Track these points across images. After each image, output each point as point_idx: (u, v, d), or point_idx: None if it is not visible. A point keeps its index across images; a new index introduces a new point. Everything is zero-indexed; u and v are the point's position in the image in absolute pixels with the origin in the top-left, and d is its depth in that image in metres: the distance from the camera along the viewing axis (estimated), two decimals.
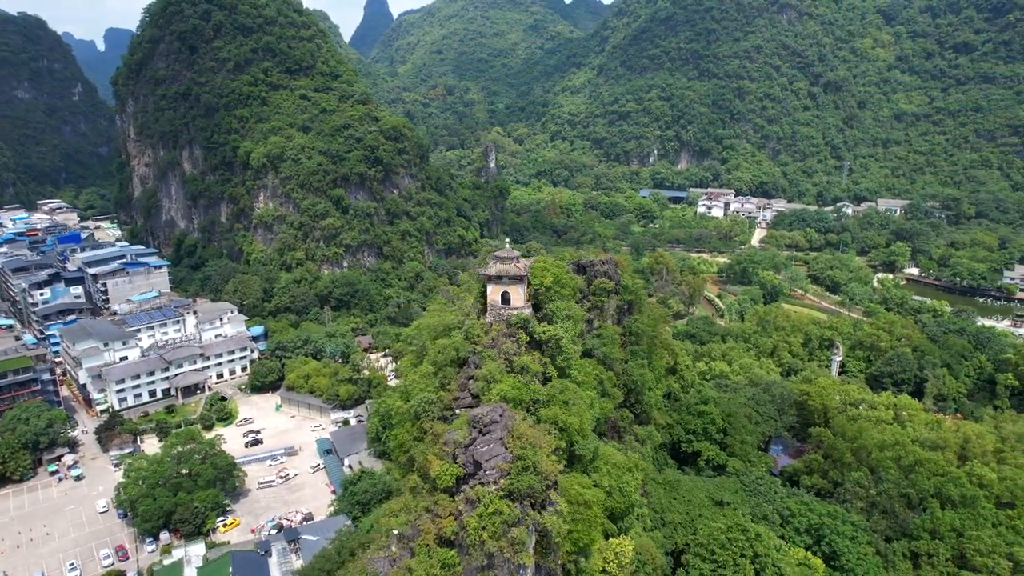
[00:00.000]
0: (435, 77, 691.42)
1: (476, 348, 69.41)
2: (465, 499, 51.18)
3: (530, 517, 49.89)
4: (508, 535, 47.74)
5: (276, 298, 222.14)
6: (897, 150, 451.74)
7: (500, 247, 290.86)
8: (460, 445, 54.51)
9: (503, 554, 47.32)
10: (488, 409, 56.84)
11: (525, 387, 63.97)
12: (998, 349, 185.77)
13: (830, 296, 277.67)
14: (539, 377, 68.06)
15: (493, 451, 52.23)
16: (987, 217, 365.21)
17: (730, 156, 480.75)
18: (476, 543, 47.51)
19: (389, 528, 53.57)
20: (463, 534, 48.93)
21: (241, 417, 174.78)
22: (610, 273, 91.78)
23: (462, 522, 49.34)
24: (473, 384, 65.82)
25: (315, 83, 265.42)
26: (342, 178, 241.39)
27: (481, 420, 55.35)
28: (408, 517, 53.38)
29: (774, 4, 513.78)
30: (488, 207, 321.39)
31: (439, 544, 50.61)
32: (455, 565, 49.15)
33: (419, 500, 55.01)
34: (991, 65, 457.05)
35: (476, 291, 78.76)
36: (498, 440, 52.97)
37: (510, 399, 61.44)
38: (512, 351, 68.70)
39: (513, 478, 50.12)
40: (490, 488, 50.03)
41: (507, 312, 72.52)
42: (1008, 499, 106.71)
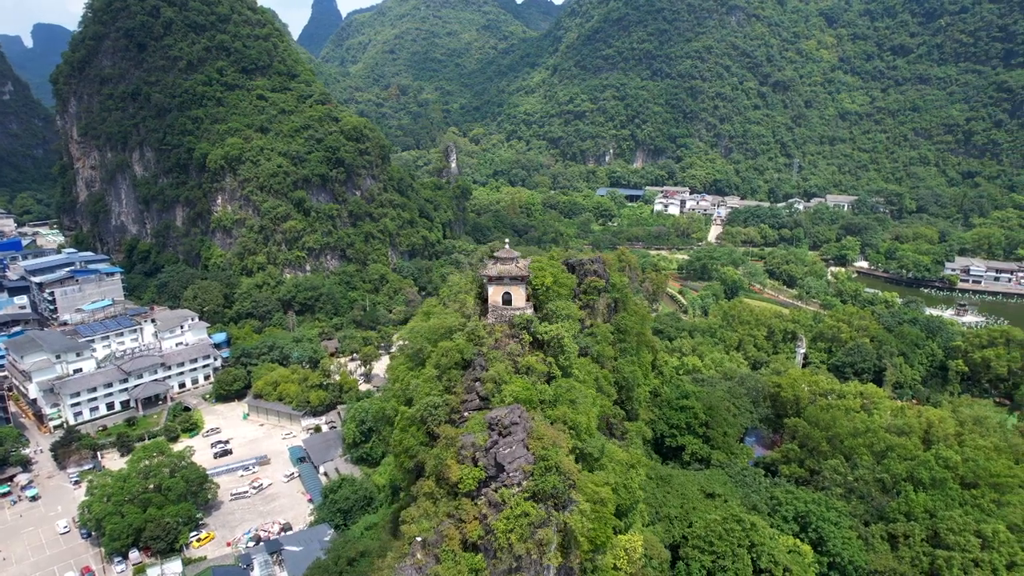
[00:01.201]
0: (388, 77, 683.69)
1: (481, 350, 68.88)
2: (488, 502, 50.71)
3: (555, 518, 49.82)
4: (535, 536, 47.53)
5: (238, 304, 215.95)
6: (842, 148, 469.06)
7: (464, 248, 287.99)
8: (480, 448, 53.97)
9: (530, 556, 47.08)
10: (506, 411, 56.40)
11: (534, 388, 63.84)
12: (947, 337, 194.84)
13: (787, 290, 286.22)
14: (543, 377, 68.02)
15: (515, 453, 51.87)
16: (927, 211, 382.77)
17: (684, 154, 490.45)
18: (504, 546, 47.11)
19: (411, 535, 52.63)
20: (490, 538, 48.44)
21: (208, 427, 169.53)
22: (599, 272, 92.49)
23: (488, 525, 48.86)
24: (481, 386, 65.24)
25: (272, 83, 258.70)
26: (303, 180, 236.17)
27: (500, 422, 54.91)
28: (430, 523, 52.56)
29: (723, 6, 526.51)
30: (450, 207, 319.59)
31: (463, 549, 50.01)
32: (482, 569, 48.64)
33: (440, 505, 54.27)
34: (925, 67, 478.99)
35: (474, 292, 78.22)
36: (519, 442, 52.64)
37: (521, 400, 61.19)
38: (517, 352, 68.44)
39: (537, 479, 49.91)
40: (514, 490, 49.70)
41: (509, 313, 72.20)
42: (972, 479, 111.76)
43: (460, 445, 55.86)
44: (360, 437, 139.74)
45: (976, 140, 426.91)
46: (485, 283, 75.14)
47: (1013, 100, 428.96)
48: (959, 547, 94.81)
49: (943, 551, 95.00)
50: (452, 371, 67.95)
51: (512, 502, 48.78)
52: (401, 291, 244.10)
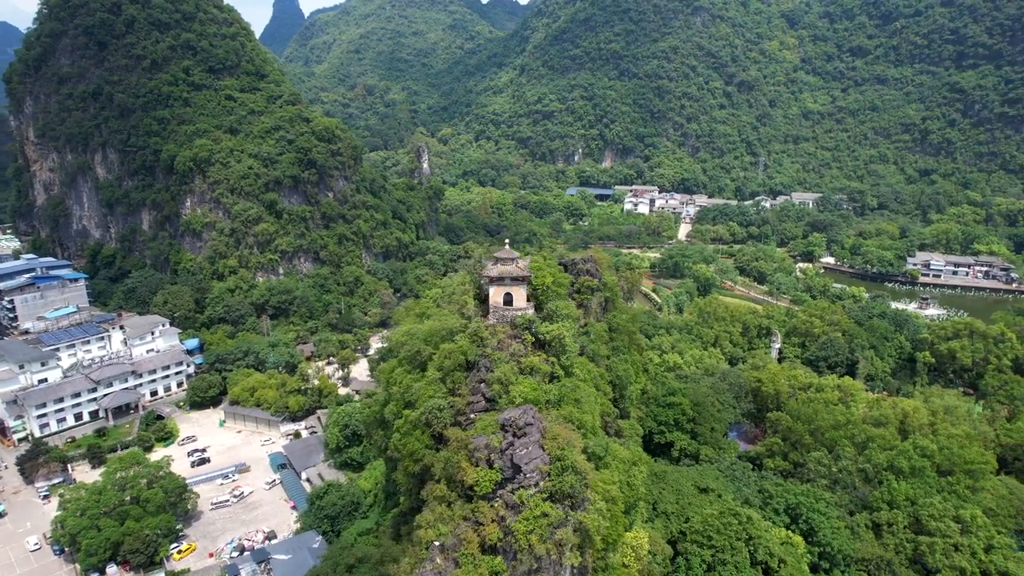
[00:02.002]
0: (354, 77, 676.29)
1: (485, 351, 68.47)
2: (505, 504, 50.44)
3: (572, 517, 49.80)
4: (554, 537, 47.44)
5: (209, 308, 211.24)
6: (806, 146, 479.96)
7: (438, 249, 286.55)
8: (496, 450, 53.62)
9: (549, 556, 46.98)
10: (519, 412, 56.17)
11: (540, 388, 63.75)
12: (914, 330, 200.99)
13: (758, 286, 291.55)
14: (547, 377, 67.96)
15: (531, 454, 51.67)
16: (888, 208, 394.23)
17: (652, 154, 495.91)
18: (524, 547, 46.92)
19: (428, 540, 52.00)
20: (510, 539, 48.18)
21: (183, 436, 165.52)
22: (592, 271, 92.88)
23: (508, 527, 48.58)
24: (486, 388, 64.83)
25: (241, 83, 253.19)
26: (275, 182, 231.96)
27: (515, 423, 54.64)
28: (446, 527, 52.02)
29: (688, 7, 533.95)
30: (423, 208, 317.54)
31: (482, 552, 49.60)
32: (502, 572, 48.32)
33: (454, 509, 53.77)
34: (883, 68, 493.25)
35: (472, 293, 77.76)
36: (535, 442, 52.46)
37: (530, 400, 61.04)
38: (520, 352, 68.26)
39: (555, 479, 49.83)
40: (531, 491, 49.53)
41: (511, 313, 71.96)
42: (947, 467, 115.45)
43: (473, 447, 55.46)
44: (344, 442, 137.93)
45: (932, 139, 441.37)
46: (485, 284, 74.82)
47: (965, 100, 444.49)
48: (940, 533, 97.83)
49: (925, 537, 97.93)
50: (456, 373, 67.43)
51: (531, 503, 48.66)
52: (376, 293, 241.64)
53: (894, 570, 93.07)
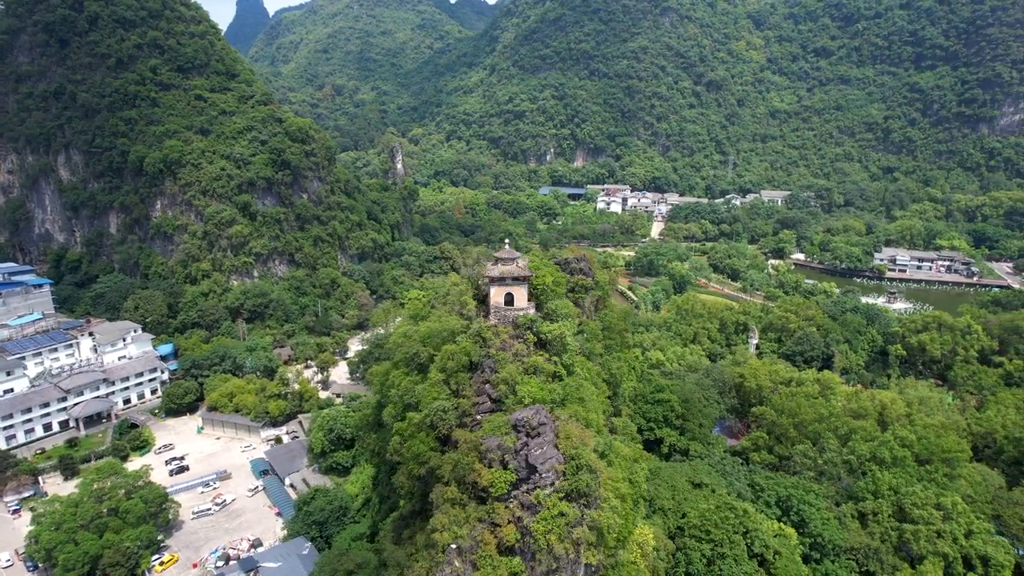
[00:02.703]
0: (322, 77, 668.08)
1: (489, 351, 67.99)
2: (520, 504, 50.17)
3: (588, 516, 49.77)
4: (571, 536, 47.34)
5: (183, 313, 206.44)
6: (774, 145, 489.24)
7: (414, 250, 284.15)
8: (510, 450, 53.28)
9: (567, 556, 46.87)
10: (531, 412, 55.93)
11: (545, 387, 63.57)
12: (885, 324, 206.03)
13: (732, 283, 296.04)
14: (550, 377, 67.78)
15: (546, 453, 51.50)
16: (854, 205, 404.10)
17: (624, 153, 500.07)
18: (543, 547, 46.74)
19: (444, 543, 51.37)
20: (528, 540, 47.94)
21: (160, 444, 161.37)
22: (585, 269, 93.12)
23: (526, 528, 48.32)
24: (492, 389, 64.36)
25: (211, 83, 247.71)
26: (248, 183, 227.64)
27: (528, 423, 54.38)
28: (461, 529, 51.48)
29: (657, 7, 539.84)
30: (398, 209, 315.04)
31: (499, 553, 49.24)
32: (520, 572, 48.04)
33: (468, 511, 53.24)
34: (846, 68, 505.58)
35: (470, 293, 77.20)
36: (549, 442, 52.31)
37: (538, 400, 60.81)
38: (522, 352, 67.99)
39: (570, 479, 49.73)
40: (547, 490, 49.36)
41: (513, 313, 71.64)
42: (926, 456, 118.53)
43: (485, 448, 55.05)
44: (329, 446, 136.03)
45: (894, 137, 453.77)
46: (486, 284, 74.38)
47: (924, 100, 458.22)
48: (923, 520, 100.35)
49: (909, 525, 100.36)
50: (459, 374, 66.78)
51: (548, 503, 48.51)
52: (353, 295, 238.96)
53: (881, 558, 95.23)
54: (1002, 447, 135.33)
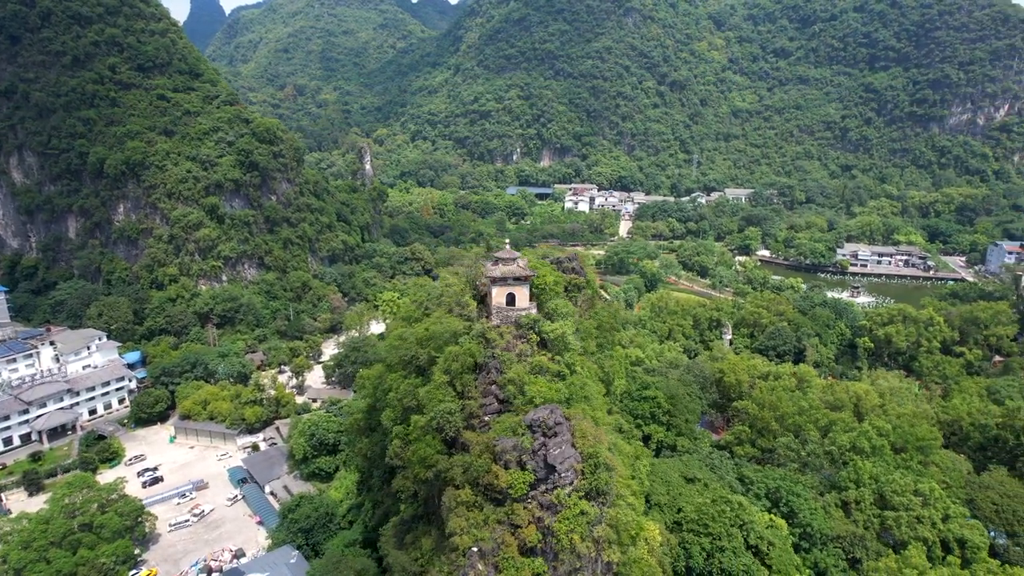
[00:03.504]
0: (283, 77, 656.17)
1: (494, 352, 67.40)
2: (540, 505, 49.88)
3: (607, 514, 49.80)
4: (593, 534, 47.30)
5: (150, 320, 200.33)
6: (736, 144, 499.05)
7: (385, 251, 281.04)
8: (527, 451, 52.91)
9: (589, 554, 46.83)
10: (546, 412, 55.66)
11: (553, 387, 63.33)
12: (853, 317, 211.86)
13: (701, 280, 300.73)
14: (555, 376, 67.58)
15: (565, 453, 51.34)
16: (815, 202, 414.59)
17: (590, 152, 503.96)
18: (567, 547, 46.57)
19: (465, 546, 50.71)
20: (551, 540, 47.72)
21: (130, 455, 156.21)
22: (577, 268, 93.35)
23: (548, 528, 48.08)
24: (499, 390, 63.82)
25: (174, 82, 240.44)
26: (215, 185, 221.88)
27: (544, 423, 54.08)
28: (480, 532, 50.93)
29: (620, 7, 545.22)
30: (367, 210, 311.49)
31: (520, 554, 48.87)
32: (543, 573, 47.77)
33: (486, 513, 52.66)
34: (804, 68, 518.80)
35: (468, 294, 76.40)
36: (567, 441, 52.16)
37: (548, 400, 60.51)
38: (526, 352, 67.66)
39: (589, 477, 49.66)
40: (566, 490, 49.19)
41: (515, 314, 71.20)
42: (901, 444, 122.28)
43: (500, 450, 54.60)
44: (311, 452, 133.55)
45: (851, 136, 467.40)
46: (486, 285, 73.78)
47: (879, 100, 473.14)
48: (903, 507, 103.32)
49: (891, 512, 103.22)
50: (464, 375, 66.07)
51: (569, 502, 48.38)
52: (325, 298, 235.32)
53: (866, 545, 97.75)
54: (968, 434, 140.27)
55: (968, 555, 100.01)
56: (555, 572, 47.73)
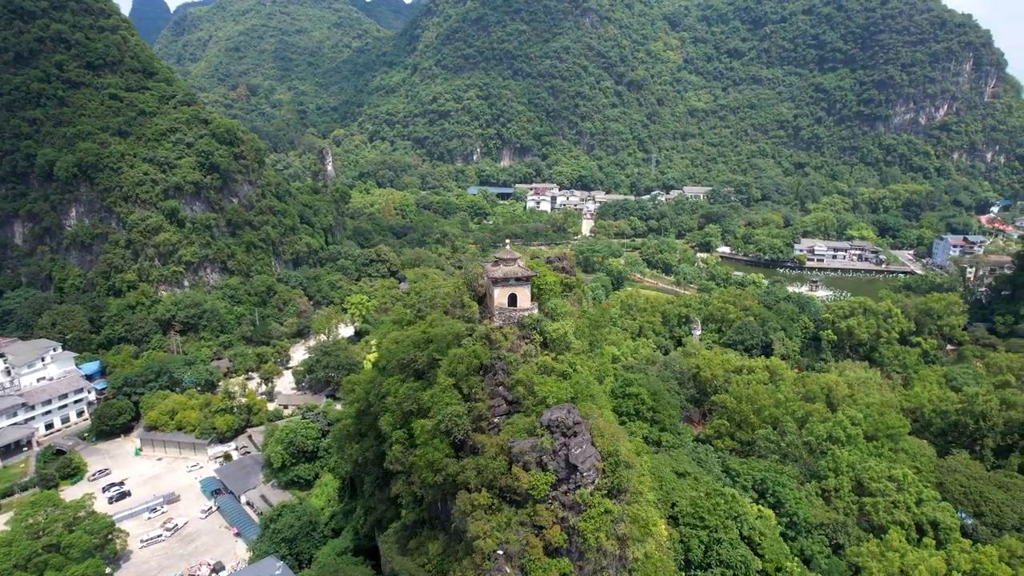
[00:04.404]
0: (235, 76, 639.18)
1: (500, 353, 66.73)
2: (562, 505, 49.63)
3: (628, 511, 49.87)
4: (617, 532, 47.31)
5: (108, 328, 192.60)
6: (693, 143, 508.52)
7: (350, 253, 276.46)
8: (548, 451, 52.52)
9: (614, 552, 46.83)
10: (563, 411, 55.33)
11: (560, 386, 63.06)
12: (815, 311, 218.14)
13: (665, 277, 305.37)
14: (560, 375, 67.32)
15: (586, 452, 51.17)
16: (770, 199, 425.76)
17: (550, 152, 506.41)
18: (593, 546, 46.44)
19: (489, 549, 49.96)
20: (577, 539, 47.49)
21: (94, 470, 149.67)
22: (568, 268, 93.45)
23: (573, 528, 47.84)
24: (505, 390, 63.19)
25: (126, 81, 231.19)
26: (174, 188, 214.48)
27: (563, 423, 53.77)
28: (505, 535, 50.30)
29: (577, 8, 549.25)
30: (330, 212, 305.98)
31: (545, 555, 48.52)
32: (570, 573, 47.54)
33: (507, 515, 52.03)
34: (757, 69, 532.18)
35: (467, 295, 75.38)
36: (587, 440, 51.99)
37: (560, 399, 60.21)
38: (531, 353, 67.26)
39: (611, 476, 49.61)
40: (589, 489, 49.07)
41: (517, 314, 70.67)
42: (872, 433, 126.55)
43: (519, 451, 54.09)
44: (290, 460, 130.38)
45: (803, 135, 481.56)
46: (488, 285, 73.04)
47: (828, 100, 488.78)
48: (880, 493, 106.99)
49: (868, 498, 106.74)
50: (471, 378, 65.24)
51: (593, 501, 48.28)
52: (291, 302, 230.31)
53: (848, 531, 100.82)
54: (930, 420, 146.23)
55: (941, 536, 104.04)
56: (581, 571, 47.70)
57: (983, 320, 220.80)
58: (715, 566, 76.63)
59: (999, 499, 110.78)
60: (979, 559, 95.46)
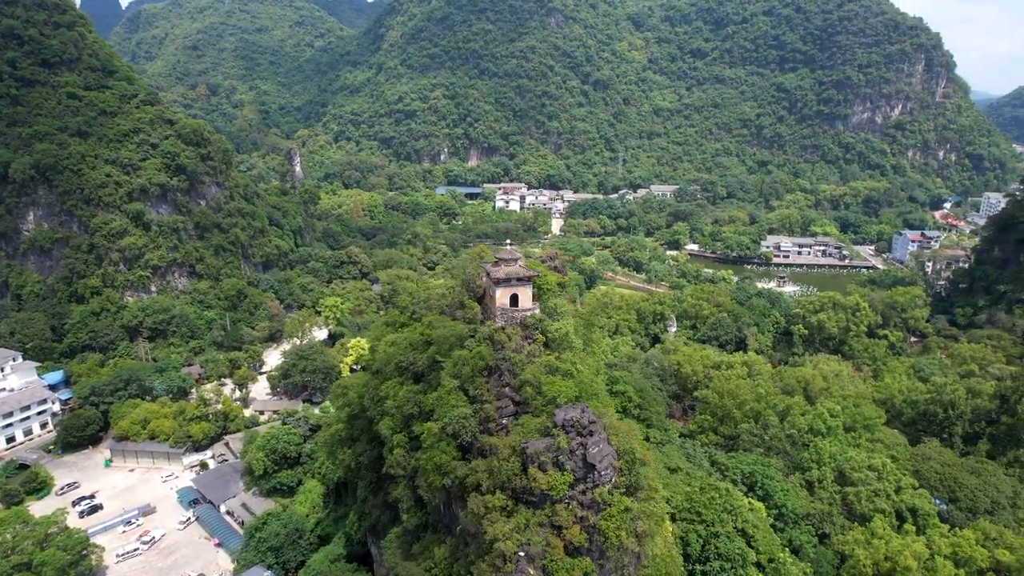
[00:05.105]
0: (194, 75, 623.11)
1: (506, 355, 66.08)
2: (580, 504, 49.42)
3: (644, 508, 49.95)
4: (636, 529, 47.35)
5: (71, 336, 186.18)
6: (659, 141, 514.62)
7: (321, 255, 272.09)
8: (565, 451, 52.20)
9: (634, 549, 46.85)
10: (577, 411, 55.06)
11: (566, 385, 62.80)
12: (786, 306, 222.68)
13: (637, 275, 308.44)
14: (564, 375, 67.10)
15: (603, 451, 51.01)
16: (736, 197, 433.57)
17: (517, 152, 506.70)
18: (615, 544, 46.36)
19: (510, 551, 49.35)
20: (598, 538, 47.34)
21: (62, 483, 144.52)
22: (559, 267, 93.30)
23: (593, 527, 47.67)
24: (512, 391, 62.64)
25: (85, 79, 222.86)
26: (139, 190, 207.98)
27: (578, 422, 53.50)
28: (524, 536, 49.80)
29: (543, 8, 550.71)
30: (299, 214, 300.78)
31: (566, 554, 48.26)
32: (592, 571, 47.38)
33: (525, 516, 51.52)
34: (720, 68, 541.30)
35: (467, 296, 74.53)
36: (604, 439, 51.84)
37: (570, 399, 59.91)
38: (535, 352, 66.87)
39: (627, 474, 49.60)
40: (607, 487, 48.97)
41: (519, 314, 70.17)
42: (850, 424, 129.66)
43: (533, 452, 53.64)
44: (272, 466, 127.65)
45: (766, 133, 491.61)
46: (489, 286, 72.36)
47: (789, 99, 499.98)
48: (862, 482, 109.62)
49: (851, 487, 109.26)
50: (477, 379, 64.53)
51: (613, 500, 48.21)
52: (262, 306, 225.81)
53: (833, 520, 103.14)
54: (901, 410, 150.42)
55: (920, 522, 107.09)
56: (602, 570, 47.67)
57: (943, 312, 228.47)
58: (713, 559, 77.53)
59: (972, 484, 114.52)
60: (958, 543, 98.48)
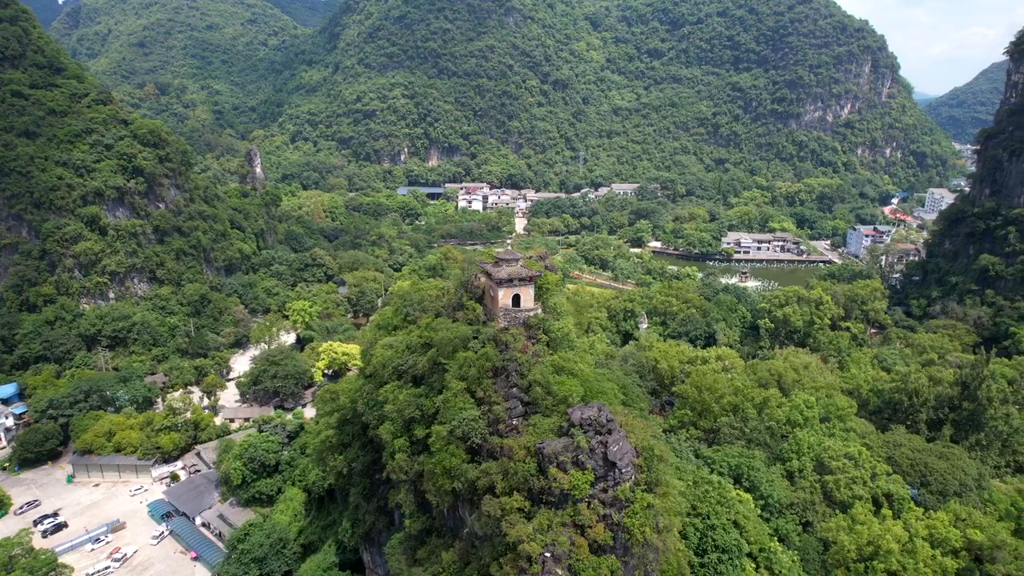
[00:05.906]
0: (141, 74, 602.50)
1: (513, 355, 65.34)
2: (602, 503, 49.27)
3: (663, 504, 50.15)
4: (659, 526, 47.48)
5: (23, 346, 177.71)
6: (619, 140, 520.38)
7: (285, 258, 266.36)
8: (584, 450, 51.89)
9: (656, 544, 47.01)
10: (593, 409, 54.78)
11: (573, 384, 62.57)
12: (752, 301, 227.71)
13: (603, 273, 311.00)
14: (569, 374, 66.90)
15: (624, 449, 50.91)
16: (695, 194, 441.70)
17: (478, 151, 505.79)
18: (640, 541, 46.39)
19: (535, 552, 48.70)
20: (622, 536, 47.25)
21: (20, 502, 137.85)
22: (550, 267, 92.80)
23: (617, 524, 47.56)
24: (520, 392, 61.98)
25: (30, 77, 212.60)
26: (94, 193, 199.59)
27: (596, 421, 53.24)
28: (547, 536, 49.30)
29: (501, 7, 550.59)
30: (261, 216, 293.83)
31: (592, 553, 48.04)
32: (617, 569, 47.26)
33: (548, 517, 51.01)
34: (676, 68, 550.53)
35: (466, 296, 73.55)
36: (623, 437, 51.74)
37: (584, 398, 59.61)
38: (540, 352, 66.40)
39: (647, 471, 49.69)
40: (628, 484, 48.96)
41: (521, 315, 69.60)
42: (824, 415, 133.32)
43: (551, 451, 53.19)
44: (250, 475, 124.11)
45: (722, 132, 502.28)
46: (491, 286, 71.49)
47: (744, 98, 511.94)
48: (840, 470, 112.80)
49: (830, 476, 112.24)
50: (484, 381, 63.71)
51: (635, 497, 48.24)
52: (227, 311, 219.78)
53: (815, 509, 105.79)
54: (867, 399, 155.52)
55: (896, 507, 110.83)
56: (627, 567, 47.72)
57: (899, 304, 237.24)
58: (711, 552, 78.53)
59: (942, 468, 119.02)
60: (933, 525, 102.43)
